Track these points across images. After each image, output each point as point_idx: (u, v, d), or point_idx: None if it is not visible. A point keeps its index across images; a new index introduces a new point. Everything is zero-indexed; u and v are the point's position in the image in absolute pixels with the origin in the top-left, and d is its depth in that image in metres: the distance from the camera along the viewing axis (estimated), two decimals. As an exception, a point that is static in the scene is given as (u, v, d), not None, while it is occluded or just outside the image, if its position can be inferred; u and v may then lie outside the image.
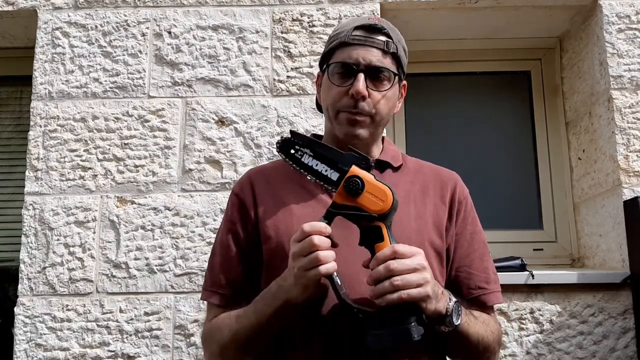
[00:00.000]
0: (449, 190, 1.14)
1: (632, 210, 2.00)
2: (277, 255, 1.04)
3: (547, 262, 2.40)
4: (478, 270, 1.11)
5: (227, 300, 1.09)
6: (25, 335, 1.97)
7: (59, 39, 2.19)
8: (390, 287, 0.85)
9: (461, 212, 1.14)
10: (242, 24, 2.20)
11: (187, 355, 1.95)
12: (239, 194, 1.15)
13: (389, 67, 1.07)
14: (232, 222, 1.13)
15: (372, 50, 1.06)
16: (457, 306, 0.94)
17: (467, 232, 1.13)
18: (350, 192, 0.91)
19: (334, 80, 1.08)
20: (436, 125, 2.63)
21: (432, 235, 1.08)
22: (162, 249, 2.02)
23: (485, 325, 1.05)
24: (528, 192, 2.54)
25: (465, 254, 1.12)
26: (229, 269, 1.11)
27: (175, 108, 2.14)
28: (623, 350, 1.98)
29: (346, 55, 1.06)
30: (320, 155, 1.01)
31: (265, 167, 1.22)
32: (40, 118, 2.13)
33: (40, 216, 2.05)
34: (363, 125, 1.08)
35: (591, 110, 2.32)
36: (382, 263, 0.87)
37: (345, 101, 1.07)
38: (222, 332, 1.04)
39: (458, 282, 1.11)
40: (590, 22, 2.32)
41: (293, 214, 1.07)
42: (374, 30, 1.07)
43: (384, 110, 1.09)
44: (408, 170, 1.17)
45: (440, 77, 2.67)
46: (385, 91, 1.07)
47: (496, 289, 1.13)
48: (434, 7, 2.27)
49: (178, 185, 2.08)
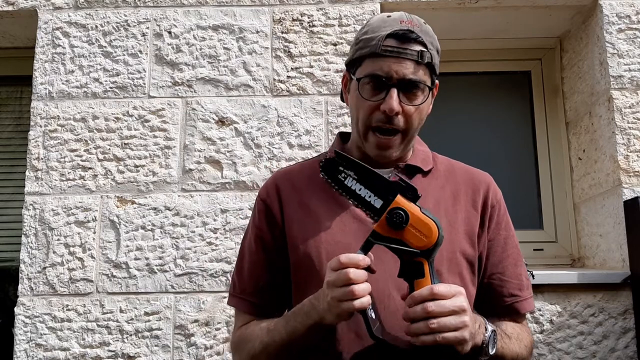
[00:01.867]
0: (481, 194, 1.10)
1: (632, 210, 2.00)
2: (304, 264, 1.03)
3: (547, 262, 2.40)
4: (511, 277, 1.09)
5: (256, 308, 1.09)
6: (26, 335, 1.97)
7: (59, 39, 2.19)
8: (426, 329, 0.83)
9: (494, 218, 1.10)
10: (243, 24, 2.20)
11: (187, 355, 1.95)
12: (265, 199, 1.12)
13: (422, 80, 1.02)
14: (259, 228, 1.11)
15: (406, 62, 1.00)
16: (493, 335, 0.93)
17: (500, 238, 1.10)
18: (392, 225, 0.87)
19: (364, 93, 1.03)
20: (436, 125, 2.63)
21: (464, 244, 1.05)
22: (162, 249, 2.02)
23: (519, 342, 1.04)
24: (528, 192, 2.54)
25: (499, 260, 1.09)
26: (257, 276, 1.10)
27: (176, 108, 2.14)
28: (623, 350, 1.98)
29: (378, 67, 1.01)
30: (364, 179, 0.95)
31: (292, 170, 1.18)
32: (40, 118, 2.13)
33: (41, 216, 2.05)
34: (392, 147, 1.05)
35: (591, 110, 2.32)
36: (420, 303, 0.84)
37: (377, 116, 1.02)
38: (253, 343, 1.03)
39: (491, 289, 1.08)
40: (590, 22, 2.32)
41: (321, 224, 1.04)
42: (407, 39, 1.01)
43: (417, 123, 1.05)
44: (439, 173, 1.13)
45: (441, 77, 2.65)
46: (419, 105, 1.03)
47: (529, 295, 1.10)
48: (434, 7, 2.27)
49: (178, 185, 2.08)
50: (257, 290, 1.09)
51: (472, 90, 2.66)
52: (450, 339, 0.83)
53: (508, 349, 1.00)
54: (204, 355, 1.95)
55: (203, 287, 1.98)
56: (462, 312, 0.85)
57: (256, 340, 1.03)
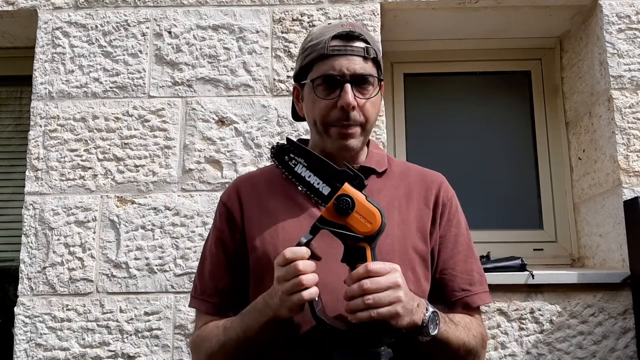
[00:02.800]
0: (433, 193, 1.14)
1: (632, 210, 2.00)
2: (262, 264, 1.06)
3: (547, 262, 2.40)
4: (461, 272, 1.12)
5: (216, 309, 1.11)
6: (26, 335, 1.97)
7: (59, 38, 2.19)
8: (362, 305, 0.86)
9: (445, 215, 1.14)
10: (242, 23, 2.20)
11: (187, 355, 1.95)
12: (226, 202, 1.16)
13: (372, 73, 1.08)
14: (220, 231, 1.14)
15: (354, 58, 1.06)
16: (433, 316, 0.94)
17: (451, 235, 1.13)
18: (339, 211, 0.90)
19: (319, 93, 1.07)
20: (436, 125, 2.63)
21: (416, 241, 1.08)
22: (162, 249, 2.02)
23: (467, 330, 1.05)
24: (528, 192, 2.54)
25: (449, 256, 1.12)
26: (218, 277, 1.12)
27: (176, 108, 2.14)
28: (623, 350, 1.98)
29: (328, 66, 1.06)
30: (314, 167, 0.99)
31: (253, 175, 1.22)
32: (40, 118, 2.13)
33: (41, 216, 2.05)
34: (354, 136, 1.09)
35: (591, 110, 2.32)
36: (357, 281, 0.87)
37: (335, 114, 1.06)
38: (210, 342, 1.05)
39: (442, 284, 1.11)
40: (590, 22, 2.32)
41: (278, 224, 1.08)
42: (351, 38, 1.07)
43: (373, 116, 1.11)
44: (393, 174, 1.17)
45: (440, 77, 2.67)
46: (372, 97, 1.08)
47: (481, 290, 1.12)
48: (434, 7, 2.27)
49: (178, 185, 2.08)
50: (217, 292, 1.11)
51: (472, 90, 2.66)
52: (383, 314, 0.86)
53: (454, 334, 1.00)
54: None
55: (203, 287, 1.98)
56: (397, 287, 0.88)
57: (213, 339, 1.04)
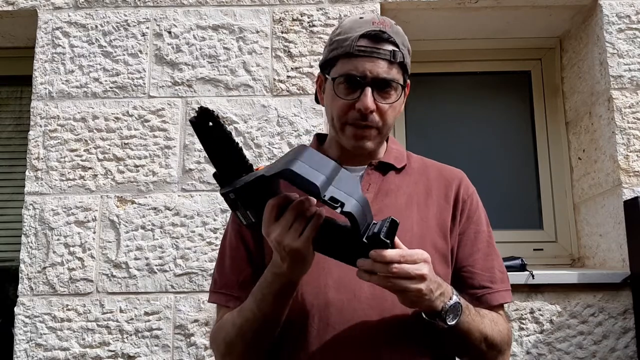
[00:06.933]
0: (453, 189, 1.13)
1: (632, 210, 2.00)
2: None
3: (547, 262, 2.40)
4: (482, 269, 1.10)
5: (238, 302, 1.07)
6: (26, 335, 1.97)
7: (59, 38, 2.19)
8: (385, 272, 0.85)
9: (465, 211, 1.12)
10: (242, 23, 2.20)
11: (187, 355, 1.95)
12: None
13: (395, 79, 1.05)
14: (238, 224, 1.12)
15: (379, 62, 1.03)
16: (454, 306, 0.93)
17: (470, 232, 1.12)
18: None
19: (339, 92, 1.06)
20: (436, 125, 2.63)
21: (436, 238, 1.07)
22: (162, 249, 2.02)
23: (493, 324, 1.03)
24: (528, 192, 2.54)
25: (469, 253, 1.11)
26: (239, 270, 1.10)
27: (175, 108, 2.14)
28: (623, 350, 1.98)
29: (352, 67, 1.04)
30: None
31: None
32: (40, 118, 2.13)
33: (41, 216, 2.05)
34: (370, 138, 1.07)
35: (591, 110, 2.32)
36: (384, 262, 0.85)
37: (352, 114, 1.05)
38: (226, 329, 1.03)
39: (462, 282, 1.09)
40: (590, 22, 2.32)
41: None
42: (380, 39, 1.04)
43: (391, 121, 1.09)
44: (412, 170, 1.16)
45: (441, 77, 2.67)
46: (393, 103, 1.06)
47: (502, 288, 1.10)
48: (434, 7, 2.27)
49: (178, 185, 2.08)
50: (239, 284, 1.09)
51: (472, 90, 2.66)
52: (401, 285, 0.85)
53: (476, 326, 0.98)
54: (204, 355, 1.95)
55: (203, 287, 1.98)
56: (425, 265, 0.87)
57: (229, 325, 1.02)
